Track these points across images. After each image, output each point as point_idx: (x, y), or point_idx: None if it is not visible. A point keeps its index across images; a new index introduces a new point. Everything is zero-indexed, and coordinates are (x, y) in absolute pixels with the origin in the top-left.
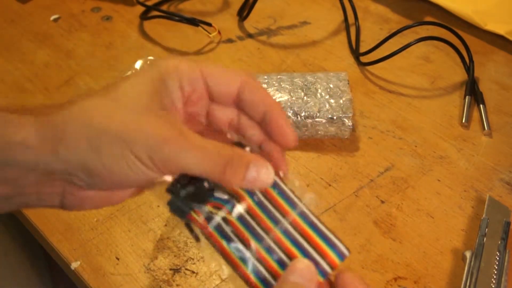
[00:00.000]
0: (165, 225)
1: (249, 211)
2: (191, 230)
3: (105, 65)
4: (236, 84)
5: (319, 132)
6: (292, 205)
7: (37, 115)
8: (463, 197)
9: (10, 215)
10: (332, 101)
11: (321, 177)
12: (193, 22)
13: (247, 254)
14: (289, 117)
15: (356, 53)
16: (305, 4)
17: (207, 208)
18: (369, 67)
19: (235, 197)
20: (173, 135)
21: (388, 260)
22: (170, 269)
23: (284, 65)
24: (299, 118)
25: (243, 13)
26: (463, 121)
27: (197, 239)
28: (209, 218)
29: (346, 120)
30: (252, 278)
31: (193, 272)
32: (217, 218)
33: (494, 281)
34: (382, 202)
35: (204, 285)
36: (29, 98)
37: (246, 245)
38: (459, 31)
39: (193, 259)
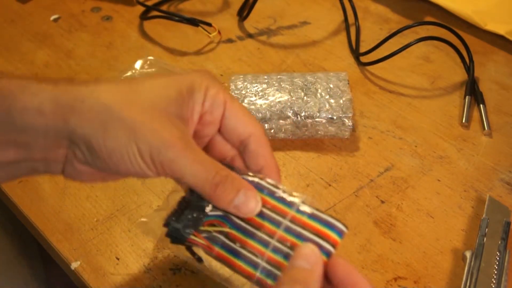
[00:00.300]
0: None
1: (247, 220)
2: (193, 253)
3: (105, 65)
4: (249, 131)
5: (319, 132)
6: (288, 205)
7: (56, 84)
8: (463, 197)
9: (6, 213)
10: (332, 101)
11: (321, 177)
12: (193, 22)
13: (258, 260)
14: (289, 117)
15: (356, 53)
16: (305, 4)
17: (205, 228)
18: (369, 67)
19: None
20: (180, 143)
21: (388, 260)
22: (170, 269)
23: (284, 65)
24: (299, 118)
25: (243, 13)
26: (463, 121)
27: (199, 260)
28: (210, 238)
29: (346, 120)
30: (266, 280)
31: (193, 272)
32: (220, 236)
33: (494, 281)
34: (382, 202)
35: (204, 285)
36: None
37: (255, 253)
38: (459, 31)
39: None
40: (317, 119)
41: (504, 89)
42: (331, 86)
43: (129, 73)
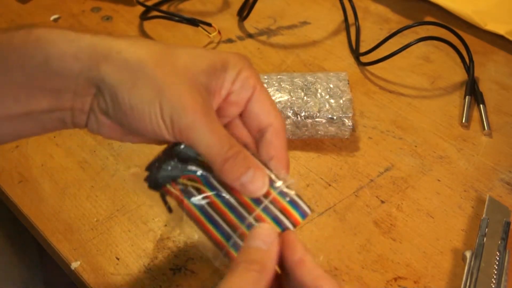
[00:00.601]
0: (165, 225)
1: (233, 193)
2: (165, 202)
3: None
4: (270, 121)
5: (319, 132)
6: (274, 187)
7: (96, 34)
8: (463, 197)
9: (5, 213)
10: (332, 101)
11: (321, 177)
12: (193, 22)
13: (231, 233)
14: (289, 117)
15: (356, 53)
16: (305, 4)
17: (182, 180)
18: (369, 67)
19: (209, 171)
20: (201, 111)
21: (388, 260)
22: (170, 269)
23: (284, 65)
24: (299, 118)
25: (243, 13)
26: (463, 121)
27: (169, 210)
28: (185, 191)
29: (346, 120)
30: (234, 254)
31: (193, 272)
32: (192, 191)
33: (494, 281)
34: (382, 202)
35: (204, 285)
36: None
37: (230, 225)
38: (459, 31)
39: (193, 259)
40: (317, 119)
41: (504, 89)
42: (331, 86)
43: None
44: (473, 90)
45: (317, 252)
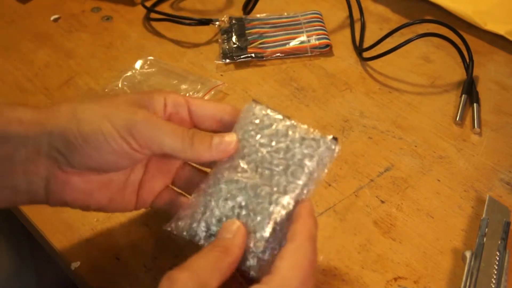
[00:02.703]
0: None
1: None
2: None
3: (105, 65)
4: (219, 109)
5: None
6: None
7: (35, 107)
8: (463, 197)
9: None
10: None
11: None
12: (205, 22)
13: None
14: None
15: (359, 49)
16: (305, 4)
17: None
18: (369, 68)
19: None
20: (152, 116)
21: (388, 260)
22: (170, 269)
23: (284, 65)
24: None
25: (247, 9)
26: (457, 119)
27: None
28: None
29: None
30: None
31: None
32: None
33: (494, 281)
34: (382, 202)
35: None
36: (29, 98)
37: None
38: (459, 31)
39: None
40: None
41: (504, 89)
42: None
43: (129, 73)
44: (470, 89)
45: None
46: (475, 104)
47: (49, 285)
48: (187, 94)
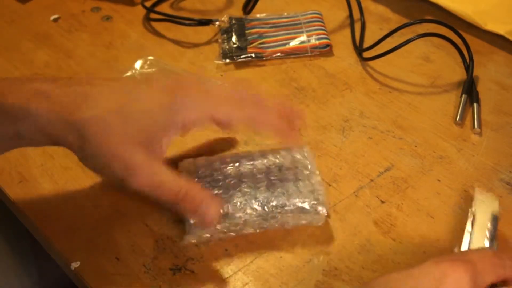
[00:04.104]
0: (165, 225)
1: None
2: None
3: (105, 65)
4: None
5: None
6: None
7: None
8: (463, 197)
9: (2, 213)
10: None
11: (321, 177)
12: (205, 23)
13: None
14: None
15: (359, 49)
16: (305, 4)
17: None
18: (369, 68)
19: None
20: (144, 168)
21: (388, 260)
22: (170, 269)
23: (284, 65)
24: (266, 209)
25: (247, 8)
26: (457, 119)
27: None
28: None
29: (320, 208)
30: None
31: (193, 272)
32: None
33: None
34: (382, 202)
35: (204, 285)
36: None
37: None
38: (459, 31)
39: (193, 259)
40: (286, 208)
41: (504, 89)
42: (298, 167)
43: (129, 73)
44: (470, 89)
45: (317, 252)
46: (475, 104)
47: (49, 285)
48: None
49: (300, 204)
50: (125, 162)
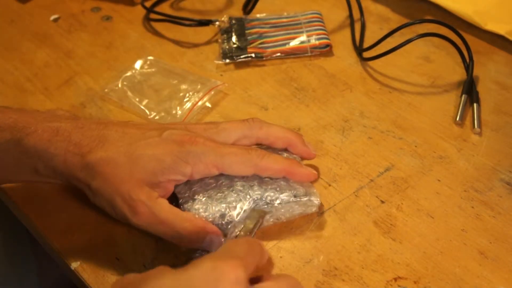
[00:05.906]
0: None
1: None
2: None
3: (105, 65)
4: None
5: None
6: None
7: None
8: (463, 197)
9: (2, 213)
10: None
11: (321, 177)
12: (204, 23)
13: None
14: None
15: (359, 49)
16: (305, 4)
17: None
18: (369, 68)
19: None
20: (145, 213)
21: (388, 260)
22: None
23: (284, 65)
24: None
25: (247, 8)
26: (457, 119)
27: None
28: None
29: (313, 198)
30: None
31: None
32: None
33: None
34: (382, 202)
35: None
36: (29, 98)
37: None
38: (459, 31)
39: (193, 259)
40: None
41: (504, 89)
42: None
43: (129, 73)
44: (470, 89)
45: (317, 252)
46: (475, 104)
47: (49, 285)
48: (187, 94)
49: (293, 196)
50: (128, 199)
